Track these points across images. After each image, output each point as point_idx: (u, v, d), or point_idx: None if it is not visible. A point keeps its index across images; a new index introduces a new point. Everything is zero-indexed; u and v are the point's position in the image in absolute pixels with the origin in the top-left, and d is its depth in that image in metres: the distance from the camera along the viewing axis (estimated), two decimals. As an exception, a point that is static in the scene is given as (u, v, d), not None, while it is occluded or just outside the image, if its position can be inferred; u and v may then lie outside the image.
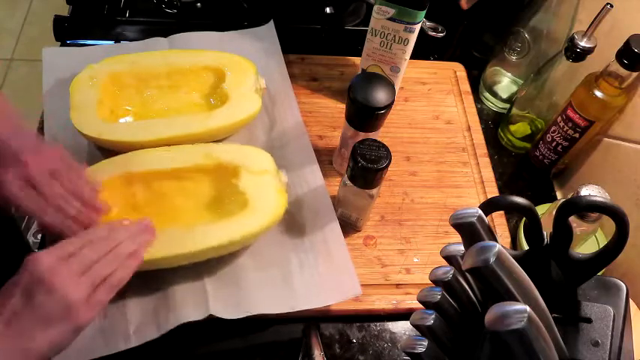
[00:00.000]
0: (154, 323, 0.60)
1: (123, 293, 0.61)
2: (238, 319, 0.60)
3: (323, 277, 0.64)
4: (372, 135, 0.67)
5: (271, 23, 0.85)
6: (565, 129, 0.72)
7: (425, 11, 0.68)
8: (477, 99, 0.88)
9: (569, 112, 0.70)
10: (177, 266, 0.62)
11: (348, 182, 0.64)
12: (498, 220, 0.75)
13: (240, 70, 0.74)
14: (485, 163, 0.80)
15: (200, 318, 0.60)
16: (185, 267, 0.62)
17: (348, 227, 0.71)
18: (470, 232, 0.41)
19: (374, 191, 0.64)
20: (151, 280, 0.62)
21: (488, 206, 0.44)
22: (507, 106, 0.85)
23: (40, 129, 0.74)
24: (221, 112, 0.71)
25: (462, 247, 0.46)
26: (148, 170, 0.65)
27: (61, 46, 0.84)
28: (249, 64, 0.75)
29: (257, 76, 0.74)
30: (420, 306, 0.47)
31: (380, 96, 0.63)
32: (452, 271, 0.46)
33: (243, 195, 0.64)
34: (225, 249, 0.62)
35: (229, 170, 0.66)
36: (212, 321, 0.60)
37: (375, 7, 0.69)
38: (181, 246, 0.59)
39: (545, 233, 0.46)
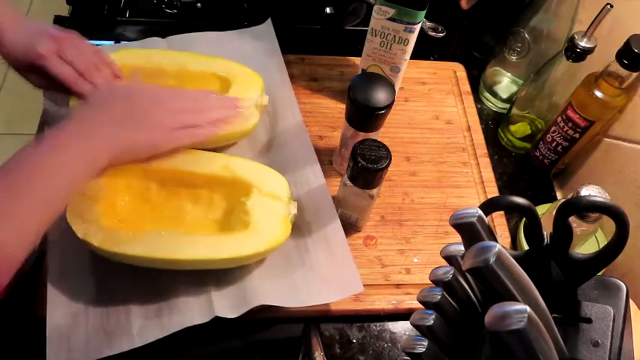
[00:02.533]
0: (158, 324, 0.60)
1: (127, 294, 0.61)
2: (240, 318, 0.60)
3: (325, 275, 0.64)
4: (372, 135, 0.67)
5: (269, 21, 0.85)
6: (565, 129, 0.72)
7: (425, 11, 0.68)
8: (477, 99, 0.88)
9: (569, 112, 0.70)
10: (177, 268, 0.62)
11: (348, 182, 0.64)
12: (498, 220, 0.75)
13: (246, 84, 0.73)
14: (486, 163, 0.80)
15: (205, 320, 0.60)
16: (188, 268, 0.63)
17: (348, 227, 0.71)
18: (470, 232, 0.41)
19: (374, 191, 0.64)
20: (155, 280, 0.62)
21: (489, 206, 0.44)
22: (507, 106, 0.85)
23: (41, 129, 0.74)
24: None
25: (462, 247, 0.46)
26: (167, 168, 0.65)
27: (61, 46, 0.84)
28: (257, 79, 0.74)
29: (262, 92, 0.74)
30: (420, 306, 0.47)
31: (380, 96, 0.63)
32: (452, 271, 0.46)
33: (248, 215, 0.63)
34: (215, 264, 0.62)
35: (243, 187, 0.65)
36: (213, 320, 0.60)
37: (375, 7, 0.69)
38: (173, 251, 0.59)
39: (545, 233, 0.46)
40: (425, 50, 0.91)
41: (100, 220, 0.60)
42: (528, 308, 0.34)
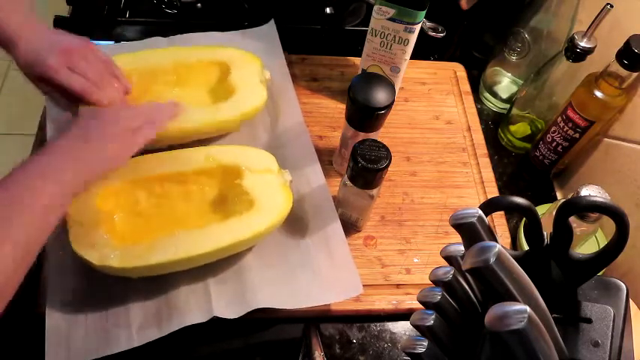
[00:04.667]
0: (157, 324, 0.60)
1: (126, 293, 0.62)
2: (239, 318, 0.60)
3: (325, 276, 0.64)
4: (372, 135, 0.67)
5: (272, 22, 0.85)
6: (565, 129, 0.72)
7: (425, 11, 0.68)
8: (477, 99, 0.88)
9: (569, 113, 0.70)
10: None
11: (349, 182, 0.64)
12: (498, 221, 0.75)
13: (245, 64, 0.75)
14: (486, 163, 0.80)
15: (204, 320, 0.60)
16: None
17: (349, 227, 0.71)
18: (470, 232, 0.41)
19: (374, 191, 0.64)
20: (154, 280, 0.62)
21: (489, 206, 0.44)
22: (507, 106, 0.85)
23: (41, 129, 0.74)
24: (228, 104, 0.71)
25: (462, 248, 0.46)
26: (152, 175, 0.65)
27: (61, 46, 0.84)
28: (254, 58, 0.76)
29: (262, 69, 0.75)
30: (420, 306, 0.47)
31: (380, 96, 0.63)
32: (452, 272, 0.46)
33: (249, 195, 0.64)
34: (236, 248, 0.62)
35: (232, 171, 0.66)
36: (213, 320, 0.60)
37: (375, 8, 0.69)
38: (192, 248, 0.59)
39: (545, 233, 0.46)
40: (425, 50, 0.91)
41: (110, 243, 0.59)
42: (528, 308, 0.33)
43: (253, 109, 0.73)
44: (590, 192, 0.61)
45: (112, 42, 0.84)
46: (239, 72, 0.74)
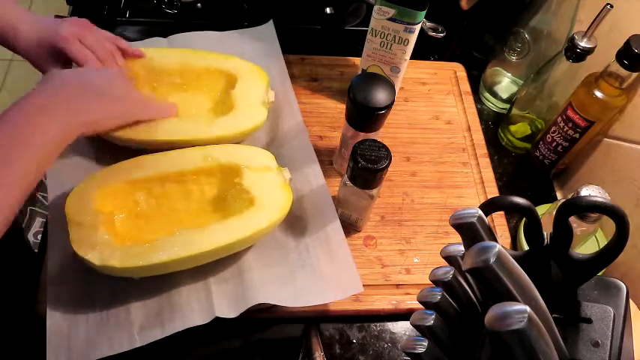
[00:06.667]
0: (159, 324, 0.60)
1: (127, 293, 0.61)
2: (240, 318, 0.60)
3: (324, 275, 0.64)
4: (372, 135, 0.67)
5: (270, 23, 0.85)
6: (565, 129, 0.72)
7: (425, 11, 0.68)
8: (477, 99, 0.88)
9: (570, 113, 0.70)
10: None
11: (349, 182, 0.64)
12: (498, 221, 0.75)
13: (251, 79, 0.74)
14: (486, 163, 0.80)
15: (206, 321, 0.60)
16: (189, 268, 0.63)
17: (349, 227, 0.71)
18: (470, 232, 0.41)
19: (374, 191, 0.64)
20: (155, 280, 0.62)
21: (489, 206, 0.44)
22: (507, 106, 0.85)
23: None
24: (224, 120, 0.71)
25: (462, 248, 0.46)
26: (151, 175, 0.65)
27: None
28: (263, 75, 0.75)
29: (267, 88, 0.74)
30: (420, 306, 0.47)
31: (380, 96, 0.63)
32: (452, 272, 0.46)
33: (248, 193, 0.64)
34: (237, 246, 0.63)
35: (231, 170, 0.66)
36: (214, 320, 0.60)
37: (376, 8, 0.69)
38: (193, 247, 0.59)
39: (545, 233, 0.46)
40: (425, 50, 0.91)
41: (111, 243, 0.59)
42: (528, 308, 0.34)
43: (249, 130, 0.71)
44: (590, 192, 0.61)
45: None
46: (244, 87, 0.73)
